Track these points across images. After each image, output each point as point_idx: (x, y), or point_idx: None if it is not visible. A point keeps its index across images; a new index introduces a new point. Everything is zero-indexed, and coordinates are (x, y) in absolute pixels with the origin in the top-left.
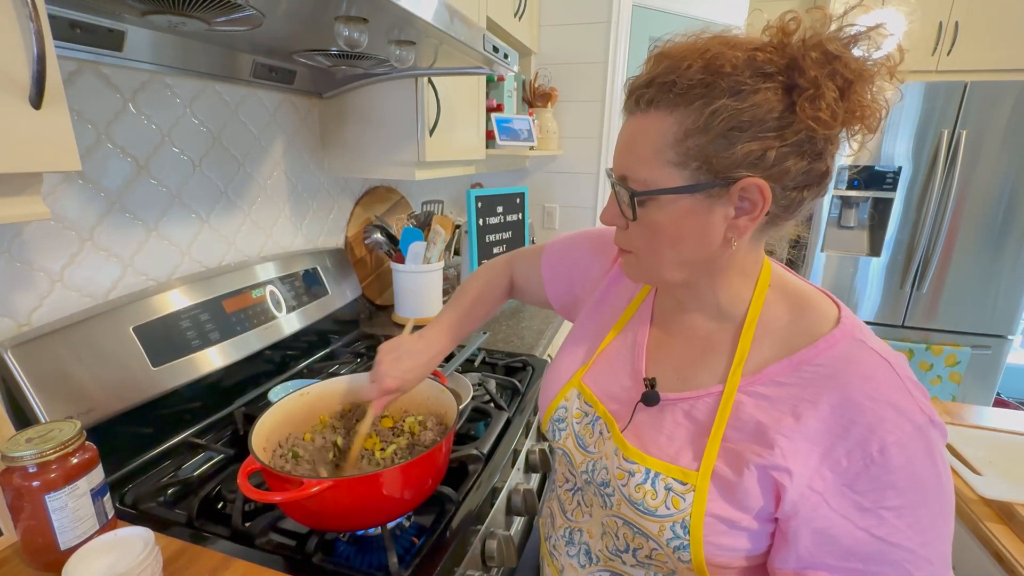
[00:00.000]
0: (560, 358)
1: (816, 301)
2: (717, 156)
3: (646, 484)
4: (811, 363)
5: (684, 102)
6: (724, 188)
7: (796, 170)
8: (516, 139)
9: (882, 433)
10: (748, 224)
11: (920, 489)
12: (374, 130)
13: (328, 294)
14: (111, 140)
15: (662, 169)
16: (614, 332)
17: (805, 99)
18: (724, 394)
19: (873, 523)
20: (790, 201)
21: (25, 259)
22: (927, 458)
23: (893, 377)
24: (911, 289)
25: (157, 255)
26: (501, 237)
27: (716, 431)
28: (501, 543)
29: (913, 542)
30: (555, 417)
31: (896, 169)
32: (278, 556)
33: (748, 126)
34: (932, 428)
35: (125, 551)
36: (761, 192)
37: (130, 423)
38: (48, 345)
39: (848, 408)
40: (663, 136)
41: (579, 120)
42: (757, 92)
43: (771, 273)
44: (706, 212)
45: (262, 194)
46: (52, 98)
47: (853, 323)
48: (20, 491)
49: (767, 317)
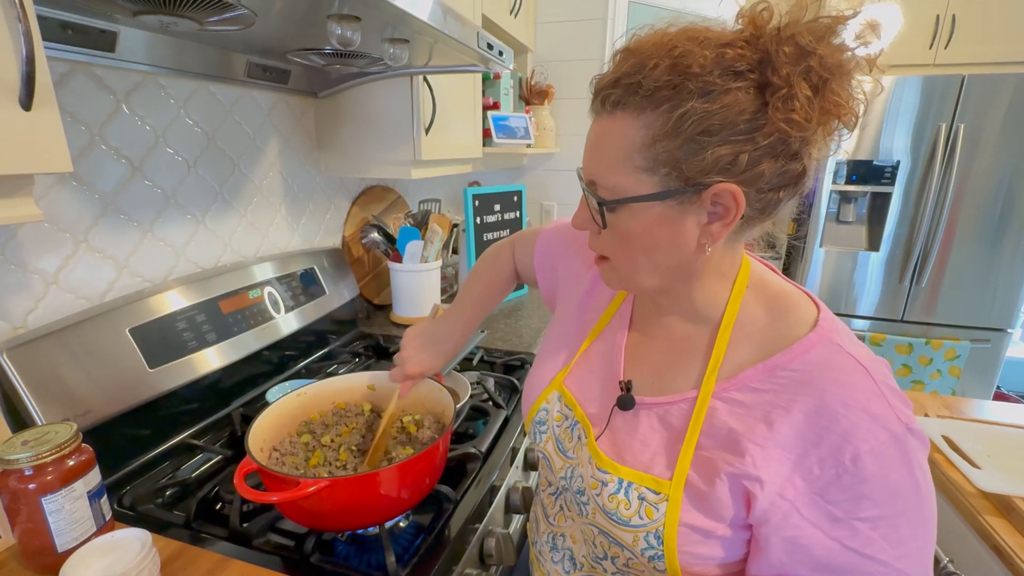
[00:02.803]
0: (541, 360)
1: (795, 301)
2: (687, 161)
3: (619, 494)
4: (786, 368)
5: (651, 105)
6: (696, 194)
7: (771, 172)
8: (513, 137)
9: (856, 441)
10: (721, 230)
11: (896, 500)
12: (370, 129)
13: (325, 294)
14: (104, 141)
15: (631, 175)
16: (594, 334)
17: (778, 99)
18: (698, 401)
19: (846, 534)
20: (766, 203)
21: (20, 261)
22: (903, 468)
23: (869, 383)
24: (910, 284)
25: (152, 256)
26: (499, 235)
27: (689, 439)
28: (500, 541)
29: (888, 555)
30: (536, 419)
31: (894, 163)
32: (276, 556)
33: (718, 129)
34: (910, 437)
35: (123, 553)
36: (734, 198)
37: (127, 425)
38: (44, 347)
39: (822, 415)
40: (630, 141)
41: (576, 117)
42: (727, 93)
43: (750, 273)
44: (678, 219)
45: (258, 194)
46: (42, 99)
47: (831, 326)
48: (16, 494)
49: (744, 318)
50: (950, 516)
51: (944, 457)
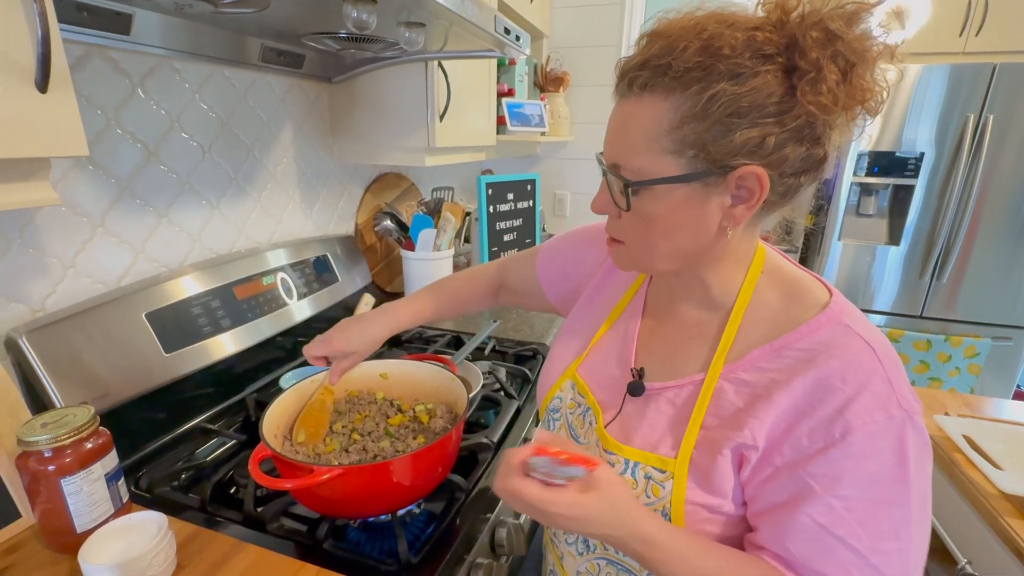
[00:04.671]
0: (556, 349)
1: (808, 287)
2: (715, 143)
3: (626, 474)
4: (792, 348)
5: (680, 86)
6: (721, 177)
7: (794, 156)
8: (527, 125)
9: (850, 416)
10: (744, 213)
11: (877, 486)
12: (383, 115)
13: (338, 281)
14: (120, 126)
15: (657, 157)
16: (608, 323)
17: (806, 82)
18: (705, 382)
19: (820, 510)
20: (787, 187)
21: (37, 245)
22: (896, 455)
23: (874, 363)
24: (931, 279)
25: (168, 241)
26: (511, 224)
27: (695, 418)
28: (511, 531)
29: (862, 544)
30: (550, 407)
31: (918, 155)
32: (289, 541)
33: (747, 111)
34: (909, 425)
35: (140, 535)
36: (759, 180)
37: (143, 408)
38: (62, 331)
39: (820, 388)
40: (658, 122)
41: (591, 105)
42: (756, 75)
43: (764, 259)
44: (702, 201)
45: (272, 180)
46: (58, 82)
47: (841, 308)
48: (36, 475)
49: (756, 303)
50: (970, 517)
51: (965, 457)
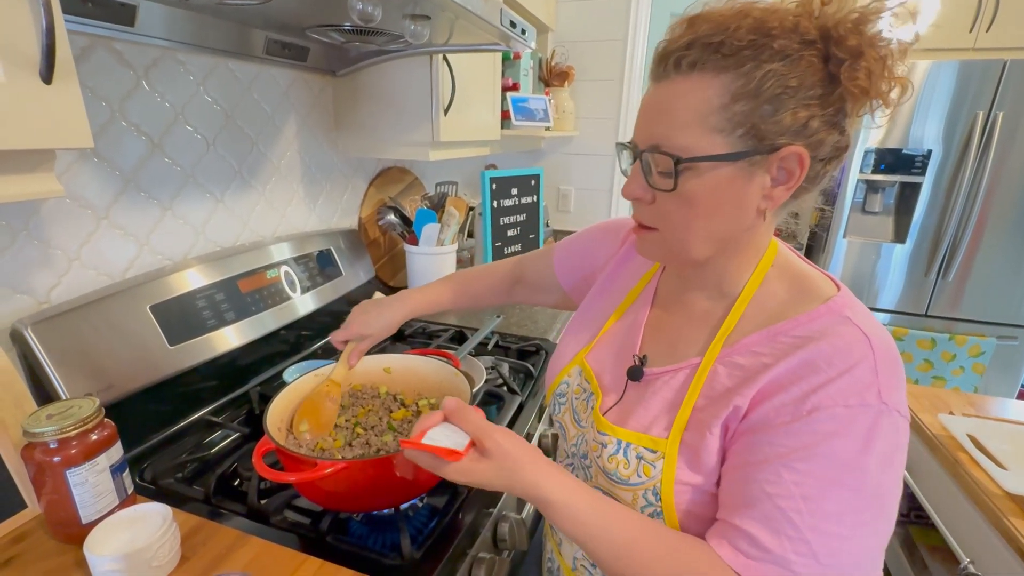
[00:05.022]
0: (566, 337)
1: (815, 281)
2: (764, 122)
3: (618, 454)
4: (788, 334)
5: (733, 64)
6: (766, 156)
7: (829, 142)
8: (532, 119)
9: (823, 395)
10: (783, 194)
11: (834, 467)
12: (388, 109)
13: (342, 275)
14: (125, 118)
15: (705, 136)
16: (618, 313)
17: (846, 67)
18: (701, 365)
19: (770, 478)
20: (816, 174)
21: (43, 237)
22: (860, 442)
23: (866, 352)
24: (936, 277)
25: (172, 234)
26: (515, 220)
27: (688, 400)
28: (513, 526)
29: (801, 518)
30: (557, 392)
31: (925, 152)
32: (293, 534)
33: (796, 91)
34: (885, 417)
35: (144, 526)
36: (800, 161)
37: (148, 401)
38: (67, 323)
39: (803, 367)
40: (707, 101)
41: (596, 100)
42: (802, 58)
43: (777, 253)
44: (745, 181)
45: (276, 174)
46: (63, 72)
47: (846, 302)
48: (42, 466)
49: (763, 294)
50: (973, 517)
51: (969, 456)
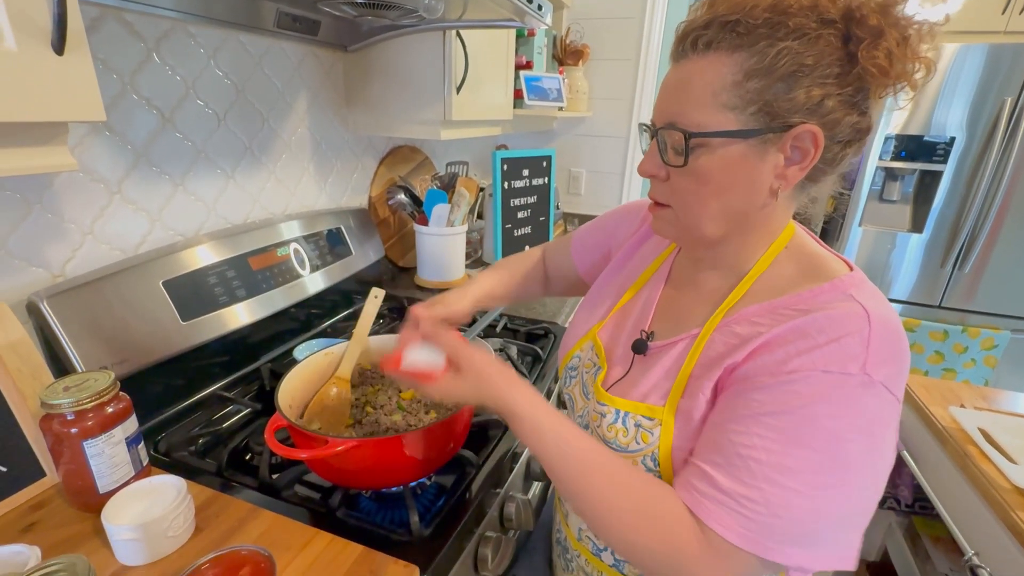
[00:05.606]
0: (580, 313)
1: (828, 263)
2: (777, 100)
3: (617, 423)
4: (789, 308)
5: (748, 42)
6: (778, 135)
7: (847, 122)
8: (545, 99)
9: (805, 359)
10: (796, 174)
11: (802, 429)
12: (399, 86)
13: (352, 254)
14: (136, 91)
15: (717, 113)
16: (632, 291)
17: (865, 46)
18: (700, 335)
19: (739, 428)
20: (834, 155)
21: (56, 210)
22: (832, 408)
23: (861, 326)
24: (952, 268)
25: (184, 210)
26: (526, 201)
27: (685, 369)
28: (520, 506)
29: (761, 472)
30: (569, 366)
31: (948, 140)
32: (303, 508)
33: (811, 69)
34: (865, 389)
35: (160, 497)
36: (814, 140)
37: (162, 375)
38: (82, 296)
39: (794, 332)
40: (721, 78)
41: (610, 80)
42: (820, 37)
43: (792, 236)
44: (757, 159)
45: (286, 151)
46: (74, 44)
47: (853, 281)
48: (60, 437)
49: (771, 273)
50: (980, 510)
51: (978, 450)
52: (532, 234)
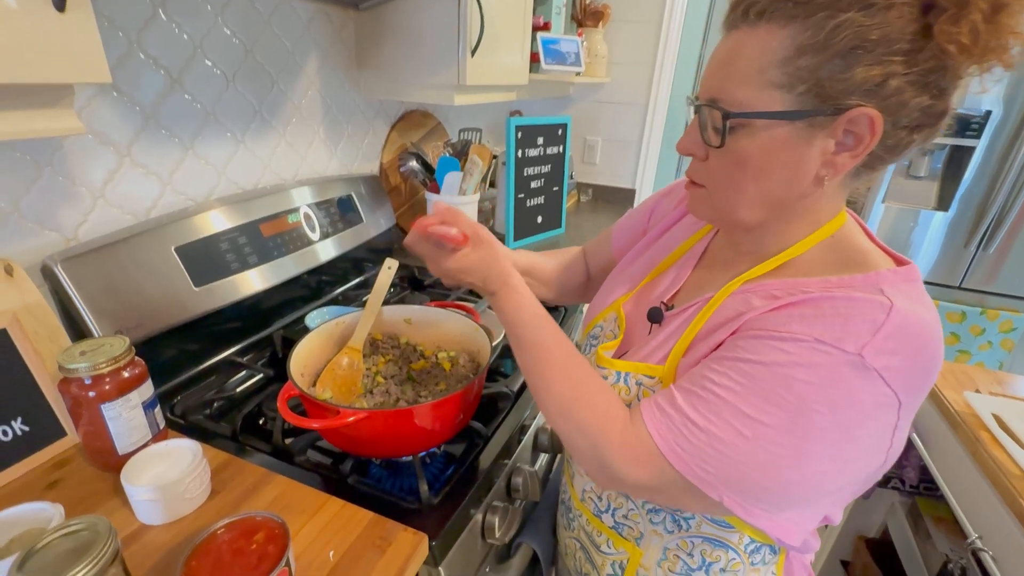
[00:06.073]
0: (607, 285)
1: (870, 256)
2: (831, 79)
3: (619, 382)
4: (814, 288)
5: (804, 13)
6: (830, 118)
7: (914, 105)
8: (563, 63)
9: (805, 325)
10: (847, 162)
11: (773, 384)
12: (412, 48)
13: (363, 222)
14: (143, 50)
15: (763, 91)
16: (662, 267)
17: (945, 19)
18: (712, 299)
19: (716, 367)
20: (896, 142)
21: (67, 173)
22: (810, 376)
23: (877, 315)
24: (976, 248)
25: (194, 174)
26: (539, 171)
27: (691, 330)
28: (527, 478)
29: (719, 409)
30: (591, 334)
31: (983, 113)
32: (315, 474)
33: (873, 46)
34: (853, 370)
35: (176, 460)
36: (871, 125)
37: (176, 339)
38: (95, 260)
39: (806, 304)
40: (770, 53)
41: (631, 44)
42: (891, 8)
43: (840, 226)
44: (803, 144)
45: (296, 114)
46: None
47: (892, 278)
48: (78, 399)
49: (805, 258)
50: (987, 495)
51: (991, 435)
52: (545, 205)
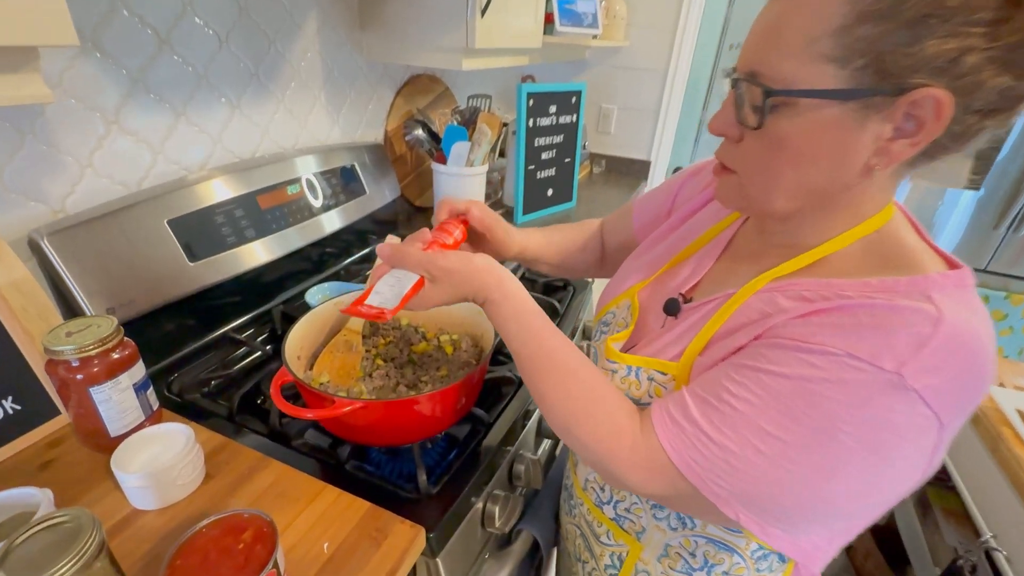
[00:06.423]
0: (624, 269)
1: (917, 256)
2: (894, 53)
3: (630, 376)
4: (850, 291)
5: None
6: (889, 98)
7: (992, 86)
8: (579, 25)
9: (838, 336)
10: (904, 151)
11: (799, 405)
12: (418, 7)
13: (366, 193)
14: (127, 6)
15: (812, 65)
16: (683, 255)
17: None
18: (735, 296)
19: (736, 375)
20: (966, 128)
21: (51, 141)
22: (839, 394)
23: (924, 328)
24: (1007, 230)
25: (188, 142)
26: (551, 141)
27: (710, 326)
28: (529, 465)
29: (734, 421)
30: (603, 320)
31: None
32: (312, 459)
33: (951, 15)
34: (892, 392)
35: (169, 445)
36: (938, 108)
37: (171, 316)
38: (84, 234)
39: (841, 311)
40: (824, 20)
41: (652, 4)
42: None
43: (887, 221)
44: (854, 128)
45: (296, 78)
46: None
47: (942, 283)
48: (66, 382)
49: (843, 254)
50: (1005, 493)
51: (1013, 432)
52: (556, 177)
